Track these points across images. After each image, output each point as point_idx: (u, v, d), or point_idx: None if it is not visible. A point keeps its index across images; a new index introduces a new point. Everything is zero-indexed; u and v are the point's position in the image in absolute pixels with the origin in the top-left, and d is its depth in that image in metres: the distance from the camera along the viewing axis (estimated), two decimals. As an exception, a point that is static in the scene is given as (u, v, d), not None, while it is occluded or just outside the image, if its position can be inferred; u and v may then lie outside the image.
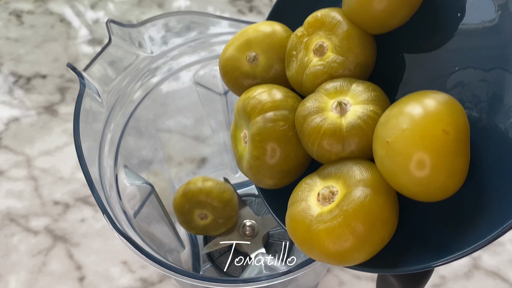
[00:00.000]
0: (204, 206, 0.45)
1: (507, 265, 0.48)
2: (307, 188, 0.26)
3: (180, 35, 0.40)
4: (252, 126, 0.28)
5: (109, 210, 0.31)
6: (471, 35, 0.24)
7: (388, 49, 0.29)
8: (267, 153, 0.27)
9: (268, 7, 0.72)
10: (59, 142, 0.59)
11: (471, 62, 0.24)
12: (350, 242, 0.23)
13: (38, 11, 0.73)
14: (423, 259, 0.23)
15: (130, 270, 0.49)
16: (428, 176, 0.21)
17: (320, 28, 0.28)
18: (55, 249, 0.51)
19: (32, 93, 0.64)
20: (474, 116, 0.23)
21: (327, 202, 0.24)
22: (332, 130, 0.25)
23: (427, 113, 0.21)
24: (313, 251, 0.24)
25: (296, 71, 0.29)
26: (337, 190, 0.24)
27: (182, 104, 0.47)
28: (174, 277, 0.30)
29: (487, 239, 0.21)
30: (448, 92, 0.25)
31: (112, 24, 0.35)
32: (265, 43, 0.31)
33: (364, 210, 0.23)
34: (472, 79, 0.24)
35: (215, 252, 0.49)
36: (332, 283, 0.48)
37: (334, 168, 0.25)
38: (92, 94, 0.34)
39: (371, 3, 0.26)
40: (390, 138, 0.22)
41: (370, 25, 0.27)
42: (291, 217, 0.25)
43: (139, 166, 0.44)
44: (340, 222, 0.23)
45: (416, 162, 0.21)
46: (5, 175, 0.56)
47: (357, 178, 0.24)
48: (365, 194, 0.23)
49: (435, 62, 0.26)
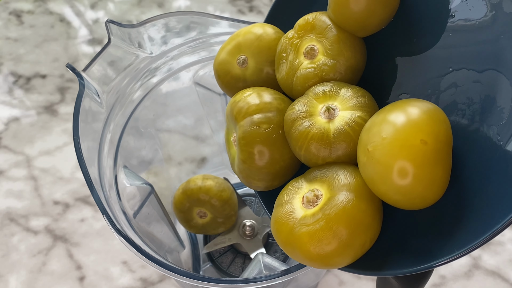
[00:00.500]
0: (203, 204, 0.45)
1: (507, 264, 0.48)
2: (293, 191, 0.26)
3: (180, 35, 0.40)
4: (238, 129, 0.28)
5: (109, 211, 0.31)
6: (465, 36, 0.24)
7: (380, 51, 0.29)
8: (252, 156, 0.27)
9: (268, 7, 0.72)
10: (59, 142, 0.59)
11: (465, 63, 0.24)
12: (332, 246, 0.23)
13: (38, 11, 0.73)
14: (406, 264, 0.24)
15: (130, 270, 0.49)
16: (406, 185, 0.22)
17: (311, 31, 0.28)
18: (55, 249, 0.51)
19: (32, 93, 0.64)
20: (467, 118, 0.23)
21: (311, 206, 0.24)
22: (319, 135, 0.25)
23: (406, 123, 0.22)
24: (296, 253, 0.24)
25: (286, 74, 0.29)
26: (321, 194, 0.24)
27: (182, 104, 0.47)
28: (174, 277, 0.30)
29: (468, 248, 0.21)
30: (442, 93, 0.25)
31: (111, 24, 0.35)
32: (253, 46, 0.31)
33: (346, 215, 0.23)
34: (466, 80, 0.24)
35: (215, 252, 0.49)
36: (332, 283, 0.48)
37: (320, 172, 0.25)
38: (91, 95, 0.34)
39: (348, 4, 0.26)
40: (371, 146, 0.22)
41: (351, 26, 0.27)
42: (275, 219, 0.25)
43: (139, 166, 0.44)
44: (322, 226, 0.23)
45: (394, 172, 0.21)
46: (5, 175, 0.56)
47: (341, 183, 0.24)
48: (348, 199, 0.23)
49: (428, 63, 0.26)
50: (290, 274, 0.30)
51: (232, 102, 0.29)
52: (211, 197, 0.44)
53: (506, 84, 0.22)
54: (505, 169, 0.21)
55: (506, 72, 0.22)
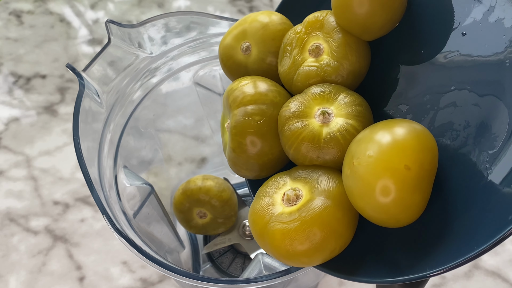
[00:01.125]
0: (203, 204, 0.45)
1: (507, 265, 0.48)
2: (275, 185, 0.26)
3: (180, 35, 0.40)
4: (231, 118, 0.28)
5: (109, 211, 0.31)
6: (472, 57, 0.24)
7: (385, 58, 0.28)
8: (242, 146, 0.27)
9: (268, 7, 0.72)
10: (59, 142, 0.59)
11: (468, 84, 0.24)
12: (302, 247, 0.24)
13: (38, 11, 0.73)
14: (378, 274, 0.24)
15: (130, 270, 0.49)
16: (383, 205, 0.22)
17: (319, 29, 0.28)
18: (55, 249, 0.51)
19: (32, 93, 0.64)
20: (461, 140, 0.23)
21: (290, 204, 0.25)
22: (310, 137, 0.25)
23: (393, 145, 0.22)
24: (267, 246, 0.25)
25: (288, 68, 0.29)
26: (302, 194, 0.25)
27: (182, 104, 0.47)
28: (173, 277, 0.30)
29: (441, 269, 0.21)
30: (441, 110, 0.25)
31: (111, 24, 0.35)
32: (258, 34, 0.31)
33: (321, 221, 0.23)
34: (466, 101, 0.24)
35: (215, 252, 0.49)
36: (332, 283, 0.48)
37: (305, 173, 0.26)
38: (91, 95, 0.34)
39: (347, 6, 0.26)
40: (356, 160, 0.22)
41: (354, 29, 0.27)
42: (253, 210, 0.26)
43: (139, 166, 0.44)
44: (297, 227, 0.24)
45: (374, 190, 0.22)
46: (5, 175, 0.56)
47: (322, 188, 0.25)
48: (326, 205, 0.24)
49: (432, 77, 0.26)
50: (290, 274, 0.30)
51: (228, 90, 0.29)
52: (211, 198, 0.44)
53: (504, 112, 0.22)
54: (488, 199, 0.21)
55: (506, 100, 0.22)
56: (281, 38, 0.30)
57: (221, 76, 0.44)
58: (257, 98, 0.27)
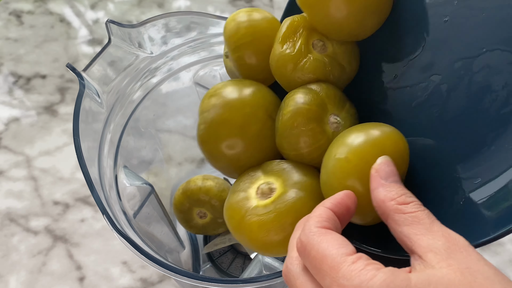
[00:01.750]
0: (203, 204, 0.45)
1: (507, 265, 0.48)
2: (249, 180, 0.27)
3: (180, 35, 0.40)
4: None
5: (109, 211, 0.31)
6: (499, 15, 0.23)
7: (409, 30, 0.28)
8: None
9: (268, 7, 0.72)
10: (59, 142, 0.59)
11: (499, 44, 0.23)
12: (278, 237, 0.25)
13: (38, 11, 0.73)
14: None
15: (130, 270, 0.49)
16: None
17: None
18: (55, 249, 0.51)
19: (32, 93, 0.64)
20: (500, 100, 0.22)
21: (265, 197, 0.26)
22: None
23: (368, 142, 0.24)
24: (245, 239, 0.26)
25: (293, 54, 0.29)
26: (275, 187, 0.26)
27: (182, 104, 0.47)
28: (174, 277, 0.30)
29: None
30: (475, 74, 0.24)
31: (111, 24, 0.35)
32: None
33: (294, 211, 0.25)
34: (500, 62, 0.23)
35: (215, 252, 0.49)
36: (332, 283, 0.48)
37: (278, 167, 0.27)
38: (91, 95, 0.34)
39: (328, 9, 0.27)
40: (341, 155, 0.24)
41: (330, 31, 0.28)
42: (229, 205, 0.27)
43: (139, 166, 0.44)
44: (272, 218, 0.25)
45: None
46: (5, 175, 0.56)
47: (294, 180, 0.26)
48: (299, 196, 0.25)
49: (460, 44, 0.25)
50: (290, 274, 0.30)
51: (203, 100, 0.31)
52: (211, 198, 0.44)
53: None
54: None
55: None
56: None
57: (221, 76, 0.44)
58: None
